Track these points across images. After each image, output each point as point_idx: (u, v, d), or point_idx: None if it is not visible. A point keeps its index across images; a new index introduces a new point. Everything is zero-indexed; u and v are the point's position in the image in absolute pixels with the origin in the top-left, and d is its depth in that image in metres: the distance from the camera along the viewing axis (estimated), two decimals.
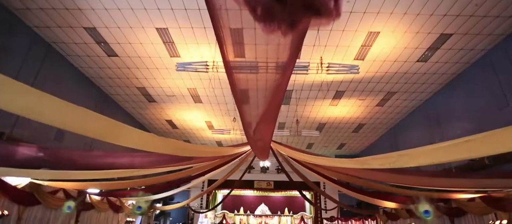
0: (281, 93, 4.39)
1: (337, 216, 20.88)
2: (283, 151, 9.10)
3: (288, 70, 4.03)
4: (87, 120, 3.43)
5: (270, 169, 21.93)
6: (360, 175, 8.77)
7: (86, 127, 3.80)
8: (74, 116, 3.24)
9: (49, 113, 3.34)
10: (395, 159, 4.17)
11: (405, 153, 3.99)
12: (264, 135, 5.89)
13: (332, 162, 7.42)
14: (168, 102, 13.77)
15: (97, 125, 3.83)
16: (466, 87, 10.53)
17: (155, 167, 8.93)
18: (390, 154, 4.24)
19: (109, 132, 4.29)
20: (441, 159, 4.13)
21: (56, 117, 3.38)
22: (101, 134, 4.46)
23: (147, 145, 5.38)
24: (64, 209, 9.54)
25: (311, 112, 14.26)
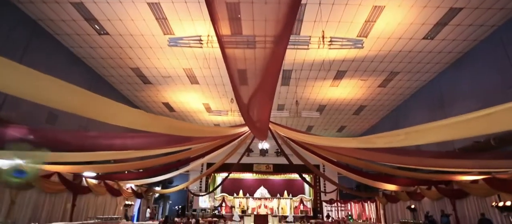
0: (277, 66, 4.02)
1: (336, 198, 20.91)
2: (282, 132, 8.80)
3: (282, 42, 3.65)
4: (76, 97, 3.19)
5: (269, 152, 21.78)
6: (361, 156, 8.50)
7: (74, 104, 3.44)
8: (63, 92, 3.03)
9: (36, 89, 3.06)
10: (403, 137, 3.85)
11: (414, 129, 3.66)
12: (261, 113, 5.56)
13: (334, 142, 7.11)
14: (164, 84, 13.36)
15: (87, 102, 3.48)
16: (473, 66, 10.11)
17: (153, 149, 8.67)
18: (397, 131, 3.91)
19: (101, 110, 3.97)
20: (453, 136, 3.81)
21: (44, 94, 3.06)
22: (93, 112, 4.13)
23: (142, 124, 5.06)
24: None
25: (311, 93, 13.88)
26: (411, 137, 3.76)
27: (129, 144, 8.32)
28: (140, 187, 17.29)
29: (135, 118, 4.56)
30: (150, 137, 8.97)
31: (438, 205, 12.47)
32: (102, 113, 3.89)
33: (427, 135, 3.67)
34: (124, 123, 4.81)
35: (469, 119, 2.95)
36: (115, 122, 4.50)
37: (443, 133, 3.54)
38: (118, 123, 4.63)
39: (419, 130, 3.59)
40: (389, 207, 17.15)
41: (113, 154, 9.05)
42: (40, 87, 2.86)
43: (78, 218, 11.62)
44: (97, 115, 4.18)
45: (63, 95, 3.06)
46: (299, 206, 21.87)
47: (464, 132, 3.41)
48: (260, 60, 4.40)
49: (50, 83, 2.79)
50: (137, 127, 5.06)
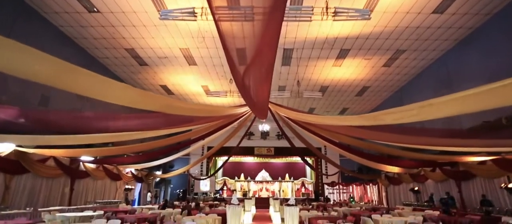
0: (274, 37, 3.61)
1: (338, 181, 20.80)
2: (283, 113, 8.43)
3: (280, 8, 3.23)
4: (68, 73, 2.97)
5: (270, 135, 21.53)
6: (365, 136, 8.17)
7: (66, 80, 3.20)
8: (53, 68, 2.81)
9: (26, 65, 2.75)
10: (416, 112, 3.46)
11: (428, 103, 3.27)
12: (260, 91, 5.17)
13: (339, 120, 6.74)
14: (161, 65, 12.91)
15: (78, 78, 3.18)
16: (483, 43, 9.58)
17: (151, 130, 8.38)
18: (409, 106, 3.52)
19: (95, 87, 3.63)
20: (472, 108, 3.41)
21: (34, 69, 2.80)
22: (86, 89, 3.81)
23: (131, 100, 4.71)
24: None
25: (312, 73, 13.41)
26: (425, 112, 3.38)
27: (126, 126, 8.03)
28: (140, 171, 17.16)
29: (123, 93, 4.21)
30: (148, 118, 8.66)
31: (443, 187, 12.24)
32: (85, 87, 3.54)
33: (443, 108, 3.29)
34: (112, 99, 4.50)
35: (491, 89, 2.57)
36: (101, 97, 4.22)
37: (459, 105, 3.16)
38: (106, 99, 4.34)
39: (434, 103, 3.21)
40: (391, 189, 17.00)
41: (110, 137, 8.76)
42: (47, 76, 2.82)
43: (77, 202, 11.49)
44: (80, 89, 3.86)
45: (40, 65, 2.72)
46: (301, 189, 21.81)
47: (484, 103, 3.02)
48: (256, 32, 3.98)
49: (30, 54, 2.56)
50: (127, 103, 4.77)
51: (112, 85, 3.67)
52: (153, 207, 11.11)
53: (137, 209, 9.39)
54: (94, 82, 3.27)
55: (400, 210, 9.92)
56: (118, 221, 5.38)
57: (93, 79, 3.27)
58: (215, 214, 7.52)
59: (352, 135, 8.23)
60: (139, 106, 5.07)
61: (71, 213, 6.94)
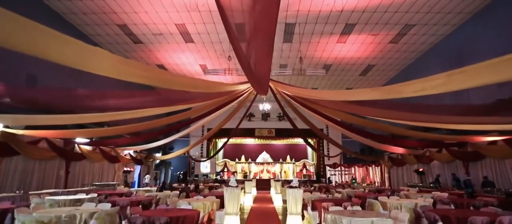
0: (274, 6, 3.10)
1: (340, 162, 20.56)
2: (285, 90, 7.93)
3: None
4: (49, 39, 2.68)
5: (271, 116, 21.12)
6: (371, 114, 7.71)
7: (46, 48, 2.84)
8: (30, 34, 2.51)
9: None
10: (442, 81, 2.96)
11: (459, 71, 2.76)
12: (260, 64, 4.66)
13: (347, 95, 6.22)
14: (156, 43, 12.30)
15: (61, 45, 2.85)
16: (501, 16, 8.90)
17: (148, 108, 7.95)
18: (434, 76, 3.03)
19: (78, 56, 3.23)
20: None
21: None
22: (68, 58, 3.39)
23: (121, 72, 4.29)
24: None
25: (315, 51, 12.79)
26: (454, 81, 2.88)
27: (122, 104, 7.58)
28: (139, 153, 16.88)
29: (113, 65, 3.74)
30: (145, 96, 8.21)
31: (449, 168, 11.89)
32: (68, 55, 3.09)
33: (476, 77, 2.80)
34: (100, 70, 4.05)
35: None
36: (89, 68, 3.79)
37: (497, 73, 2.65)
38: (93, 70, 3.91)
39: (466, 70, 2.70)
40: (394, 170, 16.72)
41: (105, 116, 8.34)
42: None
43: (74, 185, 11.21)
44: (64, 59, 3.39)
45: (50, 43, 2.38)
46: (302, 170, 21.63)
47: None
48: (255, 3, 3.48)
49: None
50: (116, 75, 4.33)
51: (99, 54, 3.23)
52: (151, 189, 10.84)
53: (134, 192, 9.10)
54: (87, 53, 2.84)
55: (406, 192, 9.59)
56: (108, 205, 5.02)
57: (75, 47, 2.85)
58: (214, 196, 7.20)
59: (356, 113, 7.76)
60: (130, 79, 4.63)
61: (62, 196, 6.61)
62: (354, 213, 4.25)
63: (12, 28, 2.47)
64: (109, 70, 4.12)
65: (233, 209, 4.63)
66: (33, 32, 2.61)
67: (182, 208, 4.91)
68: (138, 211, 4.49)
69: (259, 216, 8.40)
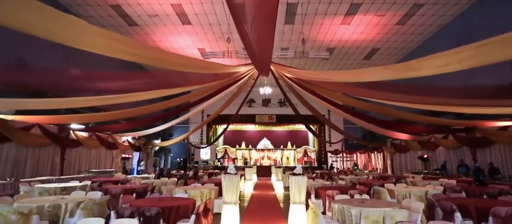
0: None
1: (342, 149, 20.29)
2: (286, 73, 7.50)
3: None
4: (33, 11, 2.45)
5: (272, 102, 20.72)
6: (378, 97, 7.32)
7: (31, 21, 2.62)
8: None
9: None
10: (472, 53, 2.55)
11: (493, 40, 2.34)
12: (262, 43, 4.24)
13: (353, 75, 5.79)
14: (152, 25, 11.78)
15: (44, 18, 2.64)
16: None
17: (145, 91, 7.59)
18: (461, 48, 2.60)
19: (63, 29, 2.99)
20: None
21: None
22: (52, 32, 3.09)
23: (112, 49, 3.97)
24: None
25: (318, 33, 12.26)
26: (487, 52, 2.47)
27: (117, 86, 7.21)
28: (137, 140, 16.59)
29: (104, 41, 3.40)
30: (141, 78, 7.84)
31: (455, 155, 11.57)
32: (53, 30, 2.78)
33: None
34: (88, 46, 3.70)
35: None
36: (76, 44, 3.55)
37: None
38: (81, 46, 3.60)
39: (505, 39, 2.26)
40: (397, 157, 16.45)
41: (99, 100, 7.96)
42: None
43: (70, 172, 10.94)
44: (49, 33, 3.05)
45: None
46: (303, 157, 21.40)
47: None
48: None
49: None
50: (107, 52, 4.02)
51: (87, 29, 2.89)
52: (148, 177, 10.57)
53: (130, 179, 8.81)
54: (74, 28, 2.78)
55: (411, 179, 9.29)
56: (98, 193, 4.71)
57: (74, 24, 2.56)
58: (213, 183, 6.91)
59: (361, 97, 7.37)
60: (121, 56, 4.27)
61: (53, 184, 6.30)
62: (363, 202, 3.92)
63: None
64: (96, 46, 3.77)
65: (232, 198, 4.31)
66: (18, 5, 2.27)
67: (177, 197, 4.60)
68: (129, 200, 4.17)
69: (260, 204, 8.13)
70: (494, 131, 9.17)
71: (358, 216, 3.43)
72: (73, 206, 3.86)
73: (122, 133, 14.38)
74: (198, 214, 3.52)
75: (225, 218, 4.31)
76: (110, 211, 3.70)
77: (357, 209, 3.46)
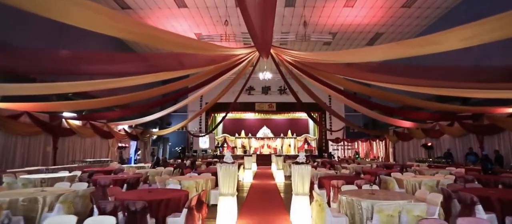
0: None
1: (343, 137, 19.97)
2: (287, 56, 7.05)
3: None
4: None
5: (272, 89, 20.27)
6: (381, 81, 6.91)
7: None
8: None
9: None
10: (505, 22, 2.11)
11: None
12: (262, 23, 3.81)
13: (362, 54, 5.34)
14: (146, 9, 11.22)
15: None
16: None
17: (140, 74, 7.19)
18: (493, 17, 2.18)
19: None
20: None
21: None
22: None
23: (110, 27, 3.64)
24: None
25: (320, 17, 11.71)
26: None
27: (110, 69, 6.80)
28: (134, 128, 16.21)
29: (94, 16, 3.04)
30: (135, 61, 7.39)
31: (461, 142, 11.22)
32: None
33: None
34: (79, 22, 3.33)
35: None
36: (64, 17, 3.27)
37: None
38: (71, 21, 3.28)
39: None
40: (399, 145, 16.11)
41: (89, 85, 7.55)
42: None
43: (64, 161, 10.61)
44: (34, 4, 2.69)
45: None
46: (303, 145, 21.10)
47: None
48: None
49: None
50: (94, 28, 3.64)
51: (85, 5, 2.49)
52: (144, 166, 10.23)
53: (125, 168, 8.47)
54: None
55: (417, 167, 8.95)
56: (84, 185, 4.34)
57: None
58: (210, 173, 6.56)
59: (366, 80, 6.94)
60: (109, 32, 3.92)
61: (40, 175, 5.93)
62: (373, 193, 3.55)
63: None
64: (86, 20, 3.38)
65: (229, 189, 3.94)
66: None
67: (169, 188, 4.24)
68: (116, 192, 3.80)
69: (259, 195, 7.80)
70: (503, 118, 8.77)
71: (369, 209, 3.06)
72: (53, 199, 3.48)
73: (118, 122, 13.99)
74: (190, 208, 3.15)
75: (221, 212, 3.95)
76: (93, 205, 3.33)
77: (368, 202, 3.09)
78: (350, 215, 3.28)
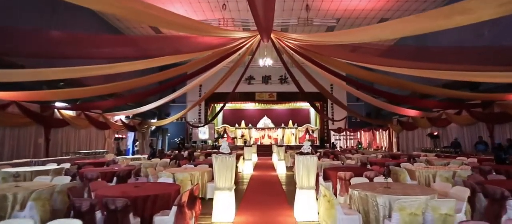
0: None
1: (345, 127, 19.57)
2: (288, 40, 6.57)
3: None
4: None
5: (272, 78, 19.77)
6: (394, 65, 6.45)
7: None
8: None
9: None
10: None
11: None
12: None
13: (372, 32, 4.86)
14: None
15: None
16: None
17: (138, 58, 6.79)
18: None
19: None
20: None
21: None
22: None
23: None
24: None
25: (323, 1, 11.13)
26: None
27: (103, 52, 6.37)
28: (132, 119, 15.79)
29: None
30: (128, 45, 6.96)
31: (469, 131, 10.80)
32: None
33: None
34: None
35: None
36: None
37: None
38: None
39: None
40: (403, 135, 15.72)
41: (85, 70, 7.10)
42: None
43: (57, 153, 10.22)
44: None
45: None
46: (305, 135, 20.70)
47: None
48: None
49: None
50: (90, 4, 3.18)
51: None
52: (139, 157, 9.86)
53: (118, 160, 8.08)
54: None
55: (424, 157, 8.55)
56: (67, 178, 3.95)
57: None
58: (207, 165, 6.17)
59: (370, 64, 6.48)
60: (104, 9, 3.49)
61: (27, 168, 5.54)
62: (388, 187, 3.13)
63: None
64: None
65: (226, 183, 3.54)
66: None
67: (160, 182, 3.84)
68: (99, 187, 3.39)
69: (260, 187, 7.41)
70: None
71: (386, 206, 2.65)
72: (26, 195, 3.08)
73: (114, 112, 13.56)
74: (181, 205, 2.74)
75: (217, 208, 3.55)
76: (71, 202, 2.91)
77: (385, 198, 2.68)
78: (363, 211, 2.88)
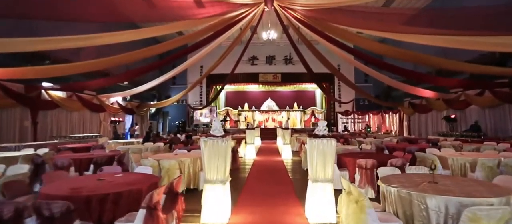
0: None
1: (352, 110, 18.67)
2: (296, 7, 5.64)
3: None
4: None
5: (276, 59, 18.77)
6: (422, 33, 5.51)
7: None
8: None
9: None
10: None
11: None
12: None
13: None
14: None
15: None
16: None
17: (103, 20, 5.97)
18: None
19: None
20: None
21: None
22: None
23: None
24: None
25: None
26: None
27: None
28: (129, 101, 15.05)
29: None
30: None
31: (491, 114, 9.87)
32: None
33: None
34: None
35: None
36: None
37: None
38: None
39: None
40: (415, 118, 14.79)
41: (72, 40, 6.29)
42: None
43: (46, 137, 9.54)
44: None
45: None
46: (310, 118, 19.89)
47: None
48: None
49: None
50: None
51: None
52: (132, 141, 9.15)
53: (106, 145, 7.36)
54: None
55: (444, 141, 7.71)
56: (25, 167, 3.21)
57: None
58: None
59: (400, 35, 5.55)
60: None
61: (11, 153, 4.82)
62: (435, 183, 2.32)
63: None
64: None
65: (218, 175, 2.75)
66: None
67: (135, 173, 3.07)
68: (54, 178, 2.63)
69: (263, 175, 6.64)
70: None
71: (441, 211, 1.85)
72: None
73: (110, 94, 12.79)
74: (150, 208, 1.96)
75: (207, 206, 2.77)
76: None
77: (439, 200, 1.86)
78: (404, 216, 2.08)
